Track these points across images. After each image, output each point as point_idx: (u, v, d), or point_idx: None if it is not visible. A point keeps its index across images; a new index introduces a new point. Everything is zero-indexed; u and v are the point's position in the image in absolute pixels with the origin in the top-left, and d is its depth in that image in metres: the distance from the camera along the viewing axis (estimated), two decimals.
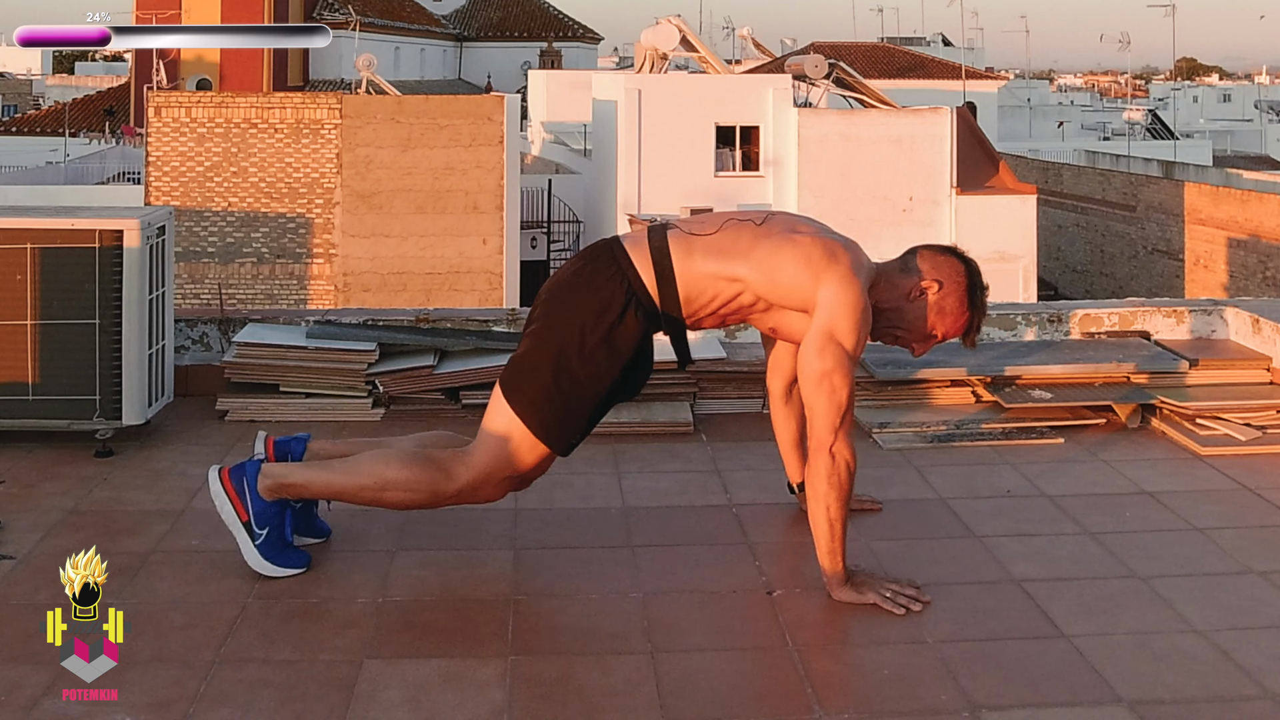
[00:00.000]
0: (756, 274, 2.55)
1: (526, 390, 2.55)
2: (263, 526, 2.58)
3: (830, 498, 2.47)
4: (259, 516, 2.58)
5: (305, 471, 2.62)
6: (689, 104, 21.02)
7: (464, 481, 2.57)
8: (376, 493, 2.57)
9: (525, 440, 2.56)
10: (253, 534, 2.58)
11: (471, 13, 47.51)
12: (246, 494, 2.58)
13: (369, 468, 2.58)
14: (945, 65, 37.97)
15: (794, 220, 2.66)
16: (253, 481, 2.58)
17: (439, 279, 18.50)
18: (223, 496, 2.59)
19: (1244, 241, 21.05)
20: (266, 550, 2.57)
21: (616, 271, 2.56)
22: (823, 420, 2.48)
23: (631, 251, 2.59)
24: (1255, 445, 3.48)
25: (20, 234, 3.39)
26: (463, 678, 2.19)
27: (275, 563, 2.58)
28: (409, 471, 2.56)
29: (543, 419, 2.55)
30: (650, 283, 2.57)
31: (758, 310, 2.63)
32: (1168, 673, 2.22)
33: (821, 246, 2.55)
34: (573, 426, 2.58)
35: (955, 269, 2.67)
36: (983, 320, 2.70)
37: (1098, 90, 64.29)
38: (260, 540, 2.57)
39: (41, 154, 29.82)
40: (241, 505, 2.58)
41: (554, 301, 2.60)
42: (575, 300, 2.56)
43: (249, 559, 2.57)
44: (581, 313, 2.54)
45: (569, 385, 2.53)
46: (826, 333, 2.49)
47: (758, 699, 2.14)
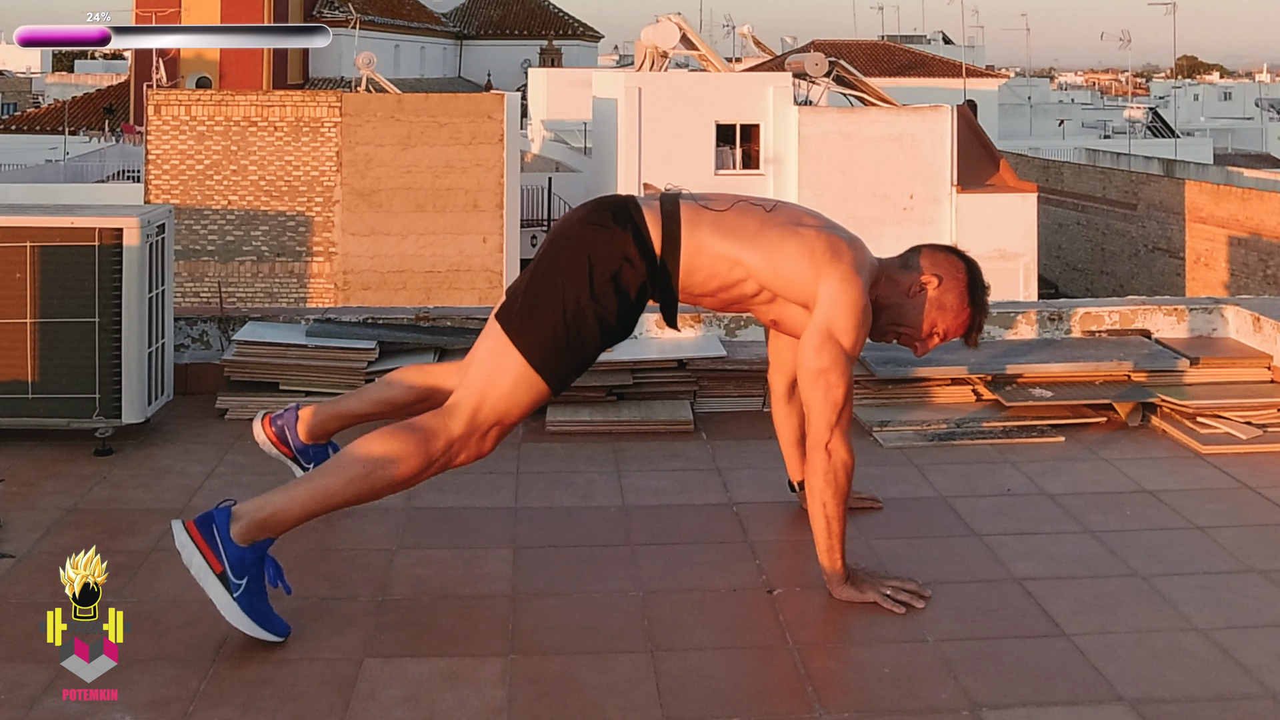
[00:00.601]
0: (759, 261, 2.55)
1: (530, 323, 2.48)
2: (240, 576, 2.30)
3: (827, 495, 2.47)
4: (235, 565, 2.30)
5: (282, 496, 2.38)
6: (689, 102, 21.01)
7: (454, 433, 2.43)
8: (366, 480, 2.39)
9: (522, 375, 2.46)
10: (229, 585, 2.29)
11: (471, 11, 47.50)
12: (219, 542, 2.31)
13: (348, 458, 2.41)
14: (946, 63, 37.96)
15: (801, 213, 2.65)
16: (224, 527, 2.32)
17: (439, 277, 18.49)
18: (190, 547, 2.31)
19: (1245, 240, 21.05)
20: (247, 603, 2.29)
21: (628, 221, 2.54)
22: (819, 418, 2.47)
23: (645, 210, 2.58)
24: (1256, 444, 3.48)
25: (20, 232, 3.39)
26: (463, 676, 2.19)
27: (256, 619, 2.29)
28: (392, 443, 2.41)
29: (545, 353, 2.47)
30: (657, 242, 2.55)
31: (760, 301, 2.62)
32: (1168, 671, 2.22)
33: (825, 241, 2.55)
34: (571, 363, 2.51)
35: (955, 266, 2.67)
36: (984, 319, 2.70)
37: (1098, 88, 64.28)
38: (239, 592, 2.29)
39: (41, 152, 29.81)
40: (214, 556, 2.30)
41: (561, 238, 2.56)
42: (585, 238, 2.53)
43: (227, 615, 2.29)
44: (591, 250, 2.51)
45: (574, 321, 2.48)
46: (825, 330, 2.49)
47: (758, 697, 2.14)
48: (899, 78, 34.81)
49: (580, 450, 3.45)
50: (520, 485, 3.17)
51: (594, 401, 3.73)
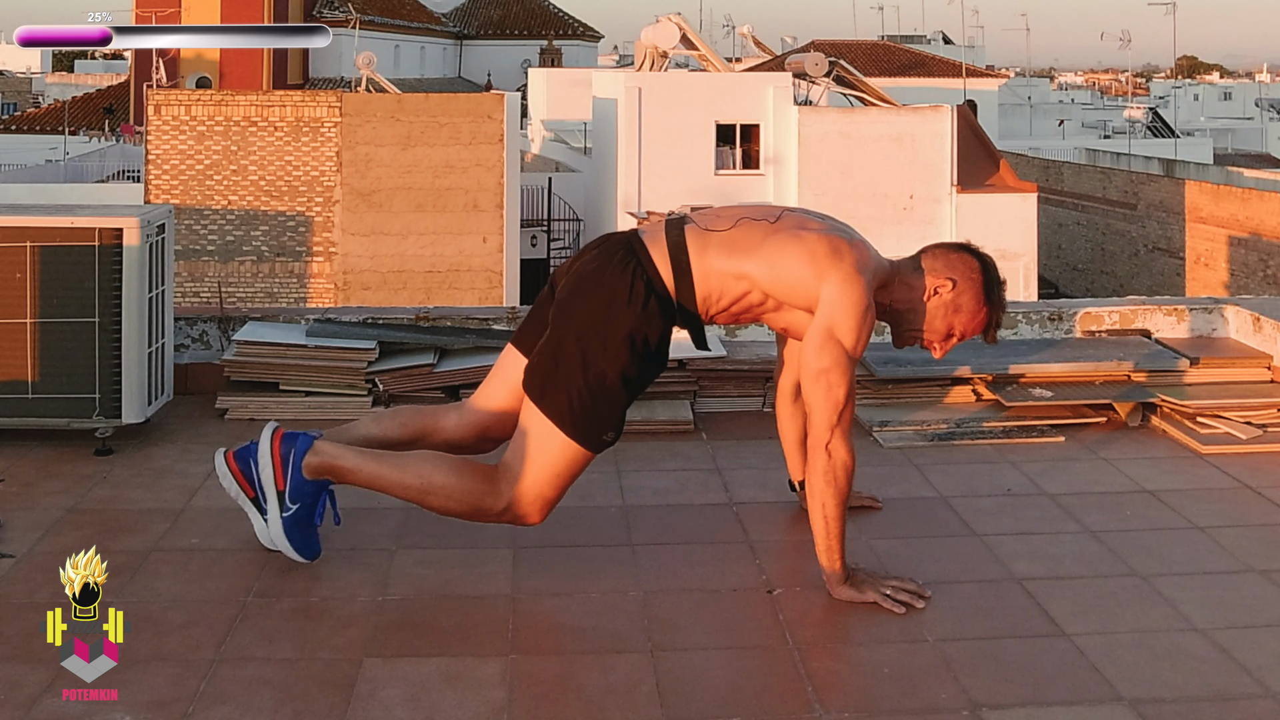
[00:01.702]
0: (762, 271, 2.55)
1: (555, 390, 2.50)
2: (295, 501, 2.55)
3: (827, 495, 2.47)
4: (295, 490, 2.55)
5: (356, 457, 2.57)
6: (689, 102, 21.00)
7: (508, 499, 2.51)
8: (420, 494, 2.53)
9: (559, 443, 2.50)
10: (283, 505, 2.55)
11: (471, 11, 47.50)
12: (290, 464, 2.54)
13: (417, 468, 2.54)
14: (946, 63, 37.97)
15: (805, 218, 2.64)
16: (301, 454, 2.55)
17: (439, 277, 18.49)
18: (267, 457, 2.55)
19: (1245, 240, 21.04)
20: (290, 526, 2.55)
21: (635, 266, 2.55)
22: (820, 418, 2.47)
23: (650, 246, 2.58)
24: (1256, 443, 3.48)
25: (20, 232, 3.39)
26: (463, 676, 2.19)
27: (294, 544, 2.56)
28: (457, 480, 2.51)
29: (575, 418, 2.49)
30: (668, 278, 2.55)
31: (769, 309, 2.62)
32: (1168, 671, 2.22)
33: (827, 243, 2.54)
34: (605, 422, 2.53)
35: (969, 265, 2.66)
36: (1002, 316, 2.69)
37: (1098, 88, 64.28)
38: (290, 514, 2.55)
39: (41, 152, 29.80)
40: (282, 473, 2.55)
41: (573, 297, 2.57)
42: (595, 294, 2.53)
43: (271, 530, 2.56)
44: (603, 307, 2.52)
45: (596, 381, 2.49)
46: (826, 330, 2.49)
47: (758, 697, 2.14)
48: (899, 78, 34.81)
49: None
50: None
51: None
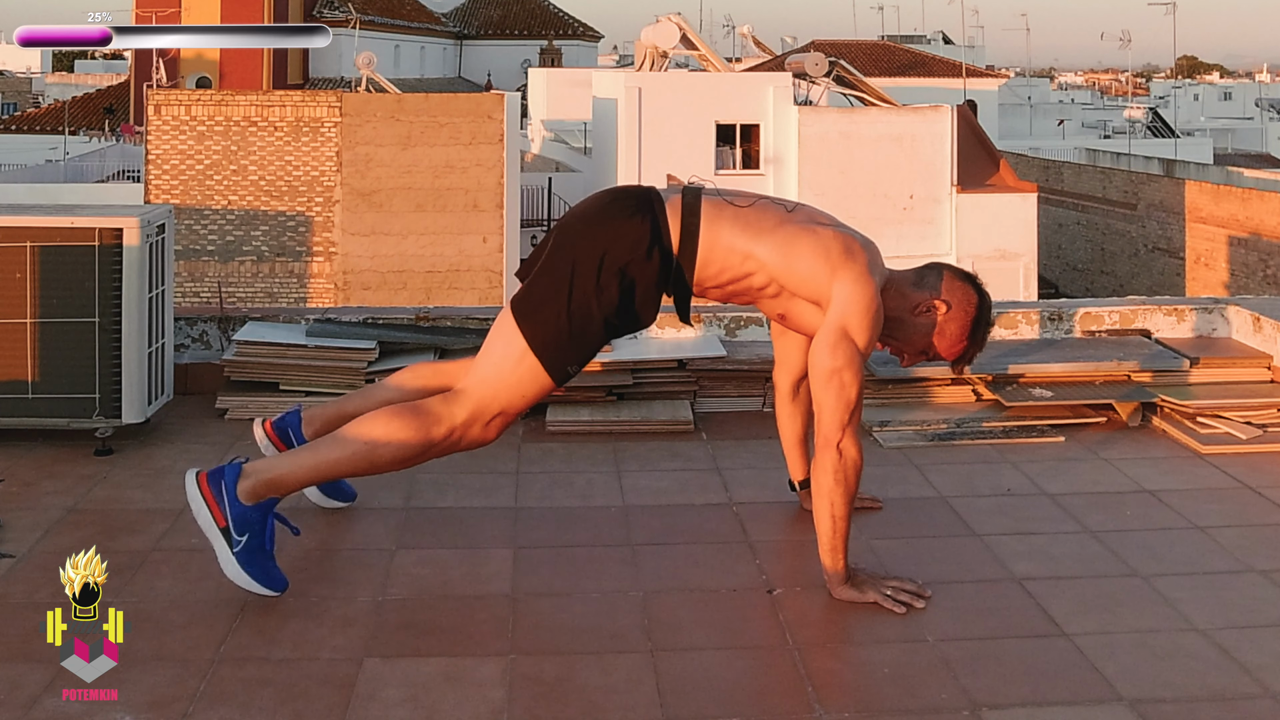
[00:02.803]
0: (774, 256, 2.55)
1: (536, 313, 2.50)
2: (242, 533, 2.44)
3: (835, 494, 2.47)
4: (238, 522, 2.45)
5: (289, 460, 2.52)
6: (689, 102, 21.00)
7: (456, 420, 2.49)
8: (370, 454, 2.48)
9: (525, 364, 2.49)
10: (230, 540, 2.44)
11: (471, 11, 47.49)
12: (224, 498, 2.46)
13: (354, 432, 2.50)
14: (946, 63, 37.96)
15: (818, 214, 2.67)
16: (231, 484, 2.46)
17: (439, 277, 18.48)
18: (199, 500, 2.46)
19: (1245, 240, 21.04)
20: (245, 559, 2.44)
21: (648, 213, 2.55)
22: (831, 417, 2.48)
23: (666, 203, 2.58)
24: (1256, 443, 3.48)
25: (20, 232, 3.39)
26: (463, 676, 2.19)
27: (253, 575, 2.44)
28: (398, 421, 2.48)
29: (547, 340, 2.49)
30: (675, 236, 2.55)
31: (768, 295, 2.62)
32: (1169, 671, 2.22)
33: (841, 242, 2.56)
34: (574, 354, 2.53)
35: (968, 297, 2.66)
36: (976, 354, 2.71)
37: (1098, 88, 64.28)
38: (239, 548, 2.44)
39: (41, 152, 29.80)
40: (219, 510, 2.45)
41: (579, 224, 2.57)
42: (601, 228, 2.53)
43: (226, 569, 2.44)
44: (605, 242, 2.51)
45: (578, 314, 2.49)
46: (840, 329, 2.49)
47: (758, 697, 2.14)
48: (899, 78, 34.81)
49: (580, 450, 3.45)
50: (520, 485, 3.17)
51: (594, 401, 3.73)
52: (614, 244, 2.51)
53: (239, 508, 2.46)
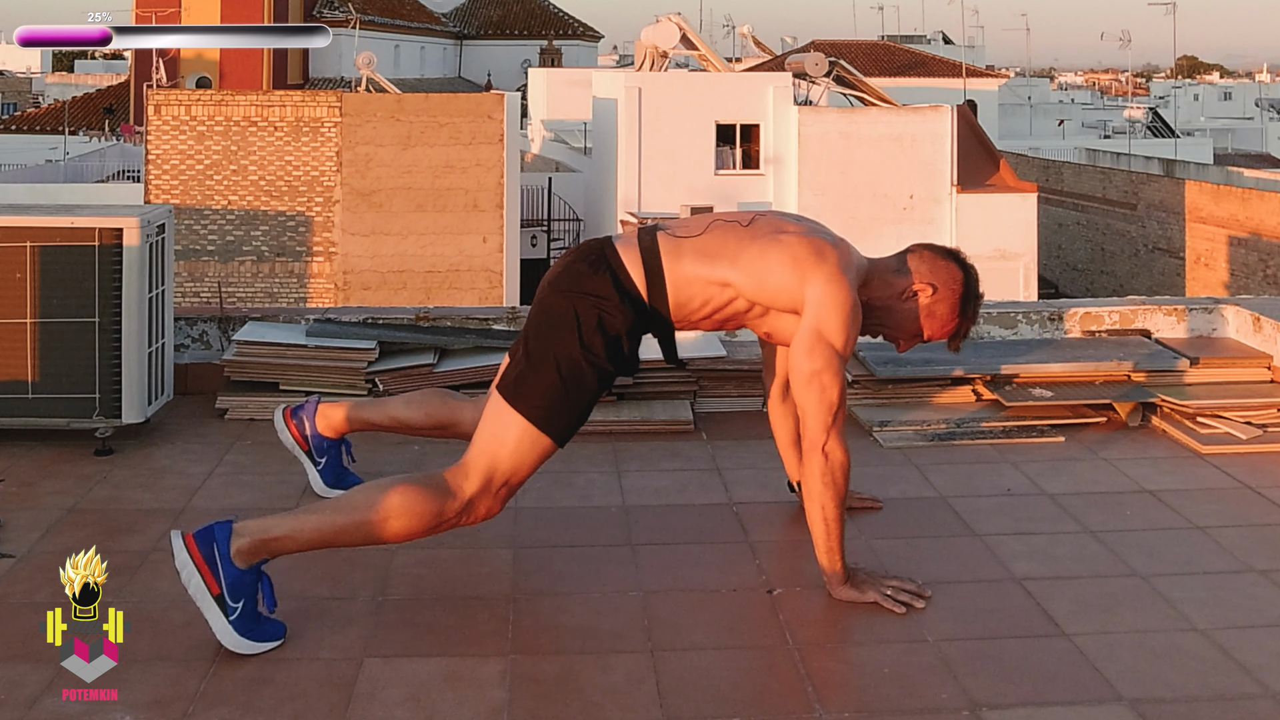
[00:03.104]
0: (745, 278, 2.54)
1: (528, 386, 2.50)
2: (238, 600, 2.26)
3: (825, 497, 2.47)
4: (233, 588, 2.26)
5: (292, 520, 2.36)
6: (689, 102, 21.01)
7: (466, 493, 2.42)
8: (379, 524, 2.37)
9: (527, 436, 2.48)
10: (226, 609, 2.24)
11: (471, 11, 47.50)
12: (218, 562, 2.26)
13: (366, 498, 2.39)
14: (946, 63, 37.97)
15: (781, 220, 2.64)
16: (224, 547, 2.27)
17: (439, 277, 18.49)
18: (190, 567, 2.26)
19: (1245, 240, 21.04)
20: (242, 626, 2.25)
21: (606, 268, 2.54)
22: (814, 420, 2.47)
23: (622, 251, 2.58)
24: (1256, 443, 3.48)
25: (20, 232, 3.39)
26: (463, 676, 2.19)
27: (252, 638, 2.26)
28: (409, 495, 2.38)
29: (546, 413, 2.48)
30: (640, 281, 2.54)
31: (753, 316, 2.62)
32: (1168, 671, 2.22)
33: (808, 245, 2.54)
34: (574, 416, 2.52)
35: (952, 275, 2.65)
36: (970, 327, 2.70)
37: (1098, 88, 64.27)
38: (235, 616, 2.25)
39: (41, 152, 29.81)
40: (212, 576, 2.26)
41: (548, 298, 2.57)
42: (569, 290, 2.53)
43: (222, 639, 2.24)
44: (575, 305, 2.51)
45: (570, 377, 2.49)
46: (815, 332, 2.48)
47: (758, 697, 2.14)
48: (899, 78, 34.81)
49: (580, 450, 3.45)
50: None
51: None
52: (583, 303, 2.50)
53: (234, 573, 2.27)
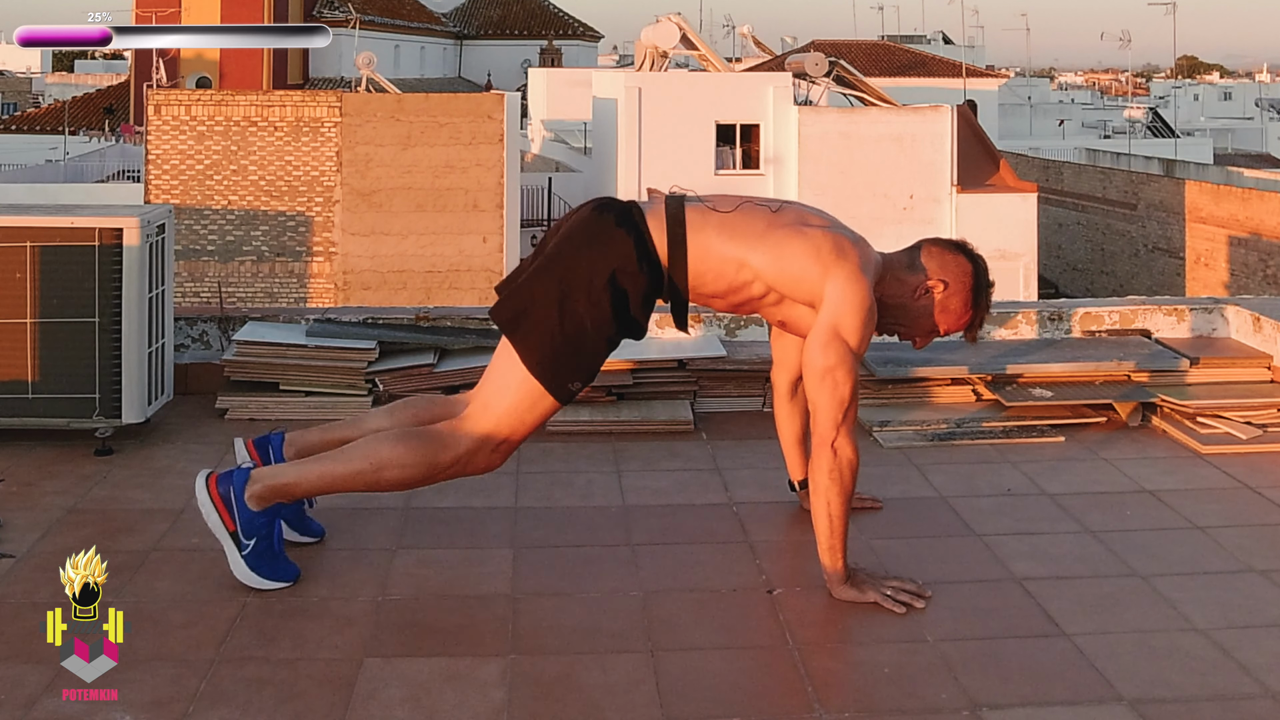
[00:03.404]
0: (766, 262, 2.55)
1: (531, 331, 2.50)
2: (250, 536, 2.51)
3: (832, 493, 2.47)
4: (246, 526, 2.51)
5: (296, 469, 2.55)
6: (689, 102, 21.00)
7: (462, 446, 2.50)
8: (373, 475, 2.51)
9: (526, 387, 2.50)
10: (239, 544, 2.51)
11: (471, 11, 47.50)
12: (233, 502, 2.51)
13: (362, 450, 2.52)
14: (946, 63, 37.97)
15: (807, 213, 2.65)
16: (240, 489, 2.51)
17: (439, 277, 18.48)
18: (209, 505, 2.52)
19: (1245, 240, 21.04)
20: (254, 561, 2.50)
21: (631, 226, 2.54)
22: (825, 416, 2.48)
23: (648, 214, 2.58)
24: (1256, 443, 3.48)
25: (20, 232, 3.39)
26: (463, 676, 2.19)
27: (262, 574, 2.50)
28: (404, 446, 2.51)
29: (546, 361, 2.49)
30: (661, 246, 2.55)
31: (769, 302, 2.62)
32: (1168, 671, 2.22)
33: (831, 241, 2.55)
34: (575, 372, 2.52)
35: (962, 268, 2.66)
36: (985, 317, 2.71)
37: (1098, 88, 64.26)
38: (247, 551, 2.50)
39: (41, 152, 29.80)
40: (228, 514, 2.51)
41: (563, 243, 2.56)
42: (587, 245, 2.53)
43: (235, 570, 2.51)
44: (591, 258, 2.51)
45: (573, 328, 2.49)
46: (832, 328, 2.49)
47: (758, 697, 2.14)
48: (899, 78, 34.81)
49: (580, 450, 3.45)
50: (520, 485, 3.17)
51: (594, 401, 3.73)
52: (601, 258, 2.51)
53: (247, 513, 2.51)
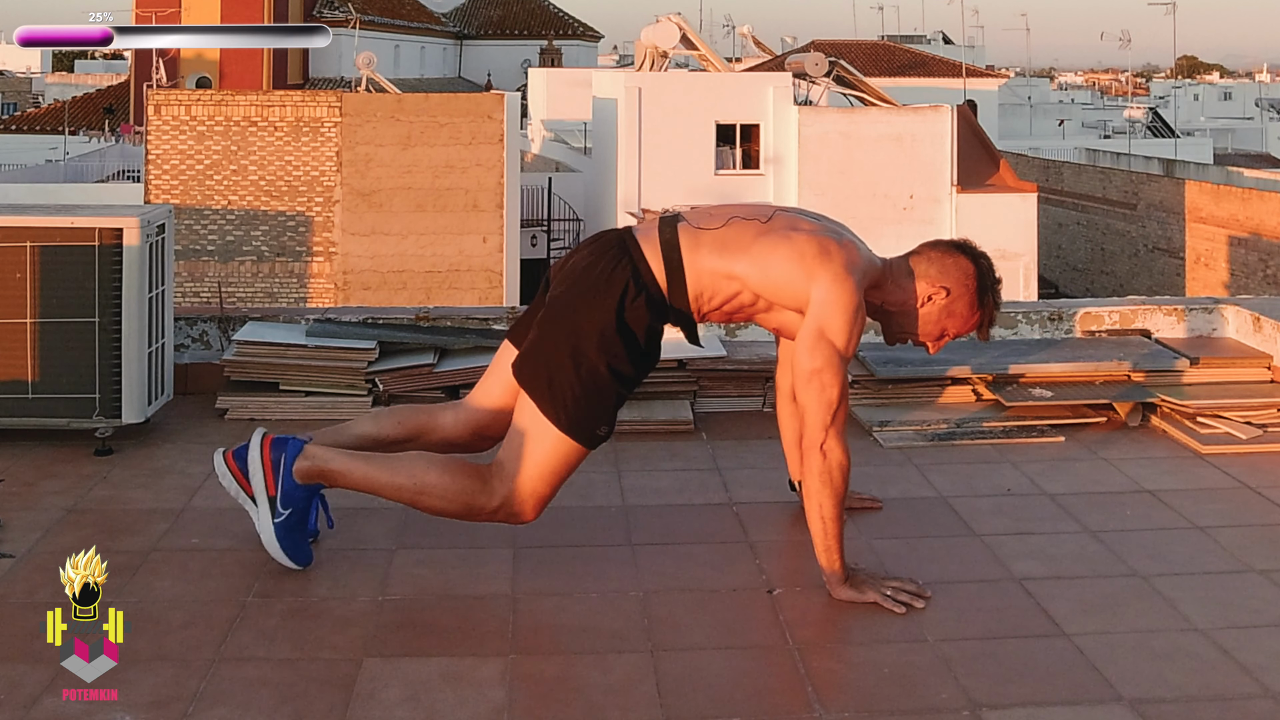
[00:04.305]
0: (752, 271, 2.55)
1: (548, 385, 2.51)
2: (287, 506, 2.55)
3: (823, 496, 2.47)
4: (286, 495, 2.55)
5: (347, 460, 2.57)
6: (689, 102, 21.00)
7: (501, 496, 2.51)
8: (413, 494, 2.53)
9: (554, 439, 2.51)
10: (275, 511, 2.55)
11: (471, 11, 47.50)
12: (282, 469, 2.55)
13: (409, 468, 2.54)
14: (946, 63, 37.97)
15: (798, 218, 2.65)
16: (291, 458, 2.55)
17: (439, 277, 18.49)
18: (257, 463, 2.55)
19: (1245, 240, 21.04)
20: (282, 532, 2.55)
21: (627, 263, 2.55)
22: (813, 418, 2.48)
23: (643, 244, 2.59)
24: (1256, 443, 3.48)
25: (20, 232, 3.39)
26: (463, 676, 2.19)
27: (284, 548, 2.55)
28: (450, 479, 2.51)
29: (569, 413, 2.50)
30: (660, 275, 2.56)
31: (760, 310, 2.62)
32: (1169, 671, 2.22)
33: (816, 244, 2.54)
34: (598, 417, 2.53)
35: (964, 270, 2.66)
36: (995, 314, 2.70)
37: (1098, 88, 64.27)
38: (280, 519, 2.55)
39: (41, 152, 29.79)
40: (273, 478, 2.55)
41: (566, 293, 2.57)
42: (587, 291, 2.54)
43: (263, 536, 2.55)
44: (595, 303, 2.52)
45: (588, 376, 2.50)
46: (817, 331, 2.49)
47: (758, 697, 2.14)
48: (899, 78, 34.81)
49: None
50: None
51: None
52: (604, 305, 2.52)
53: (291, 483, 2.55)
